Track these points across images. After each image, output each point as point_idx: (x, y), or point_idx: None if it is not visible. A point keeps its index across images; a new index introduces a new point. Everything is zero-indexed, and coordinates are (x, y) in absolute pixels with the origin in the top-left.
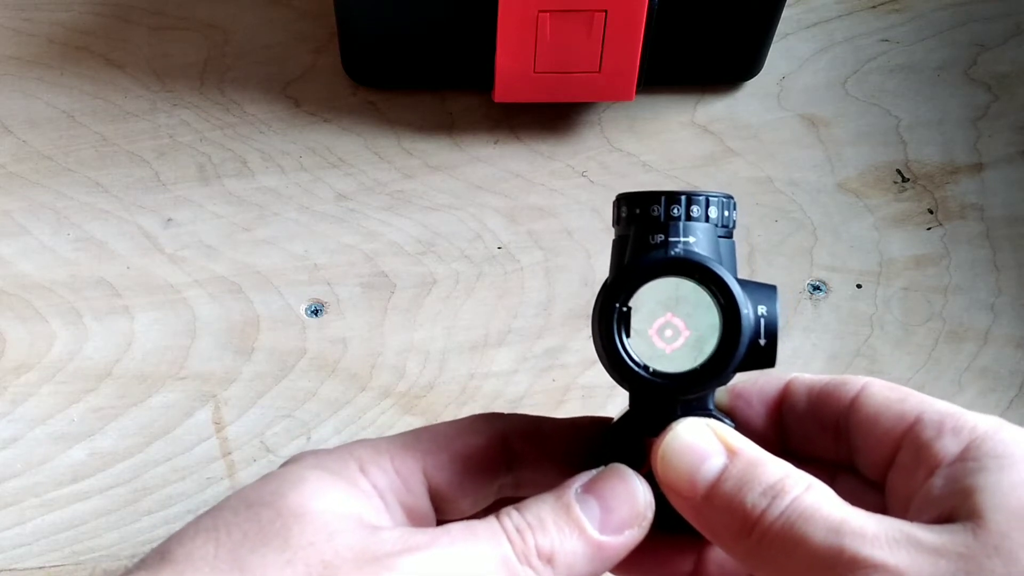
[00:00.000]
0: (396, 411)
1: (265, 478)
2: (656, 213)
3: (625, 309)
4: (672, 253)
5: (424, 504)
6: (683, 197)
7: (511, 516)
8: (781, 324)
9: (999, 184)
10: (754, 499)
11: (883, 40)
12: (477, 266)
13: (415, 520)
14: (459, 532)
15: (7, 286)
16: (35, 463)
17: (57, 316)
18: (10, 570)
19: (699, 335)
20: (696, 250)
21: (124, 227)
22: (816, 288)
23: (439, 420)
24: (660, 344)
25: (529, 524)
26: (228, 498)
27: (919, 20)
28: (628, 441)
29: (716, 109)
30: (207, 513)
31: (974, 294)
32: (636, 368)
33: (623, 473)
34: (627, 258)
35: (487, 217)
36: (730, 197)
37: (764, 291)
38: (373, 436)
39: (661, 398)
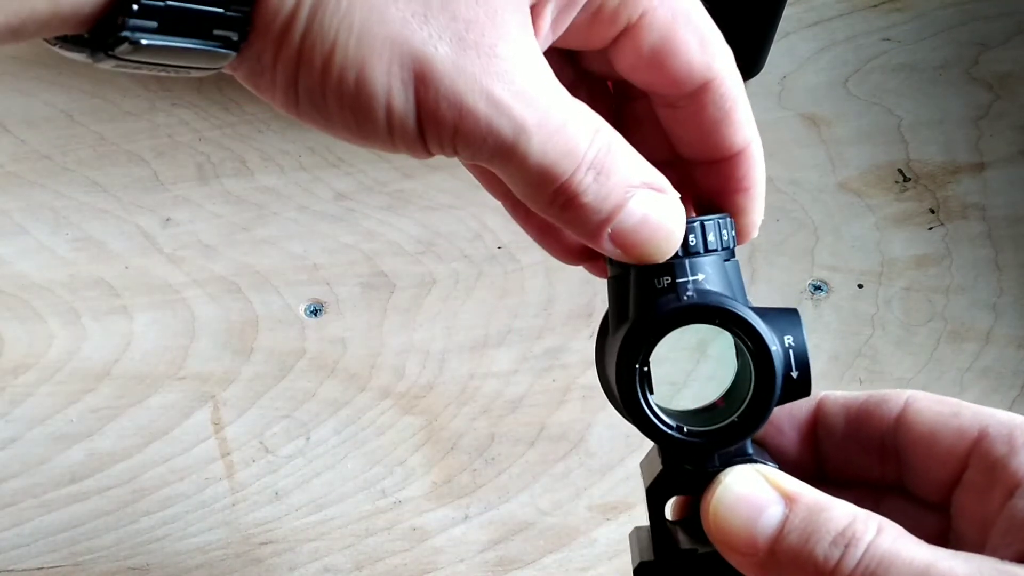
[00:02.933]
0: (396, 411)
1: None
2: None
3: (646, 368)
4: (685, 299)
5: None
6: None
7: None
8: None
9: (1001, 183)
10: (825, 550)
11: (884, 39)
12: (477, 266)
13: None
14: None
15: (5, 286)
16: (33, 464)
17: (55, 316)
18: (8, 571)
19: (715, 362)
20: (707, 287)
21: (123, 227)
22: (817, 288)
23: (439, 421)
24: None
25: None
26: None
27: (920, 19)
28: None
29: None
30: None
31: (976, 294)
32: (670, 431)
33: None
34: (634, 308)
35: (487, 217)
36: (726, 216)
37: (786, 318)
38: (373, 437)
39: (698, 455)
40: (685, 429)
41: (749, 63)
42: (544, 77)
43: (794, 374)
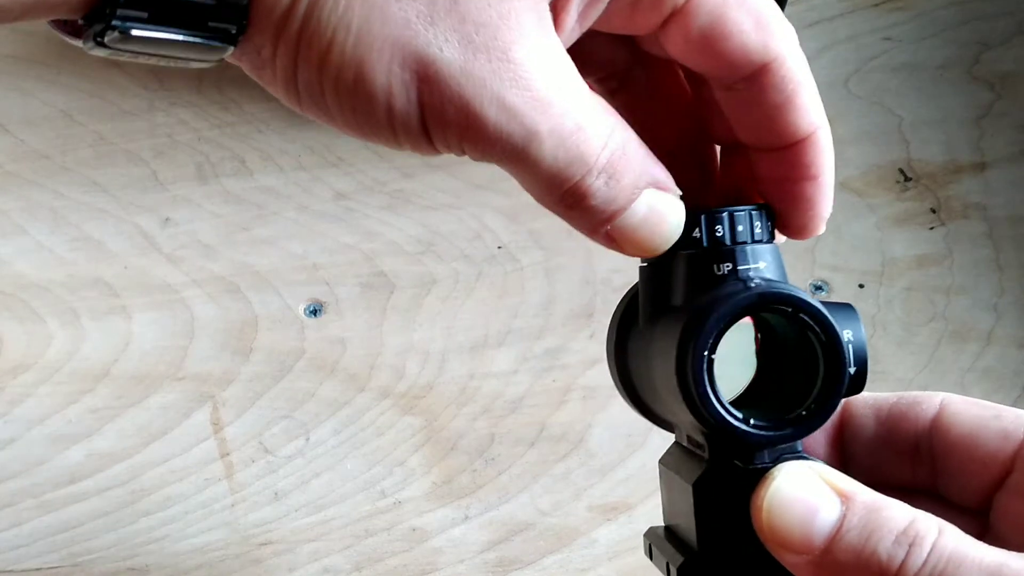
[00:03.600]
0: (395, 412)
1: None
2: (720, 234)
3: (713, 357)
4: (753, 286)
5: None
6: (727, 216)
7: None
8: None
9: (1002, 183)
10: (888, 549)
11: (885, 39)
12: (477, 266)
13: None
14: None
15: (4, 286)
16: (32, 464)
17: (54, 316)
18: (8, 572)
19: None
20: (768, 276)
21: (122, 226)
22: (818, 288)
23: (439, 421)
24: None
25: None
26: None
27: (921, 18)
28: (718, 502)
29: None
30: None
31: (977, 294)
32: (738, 423)
33: None
34: (689, 295)
35: (487, 216)
36: (761, 208)
37: (844, 312)
38: (373, 437)
39: (755, 449)
40: (752, 422)
41: None
42: (561, 78)
43: (852, 369)
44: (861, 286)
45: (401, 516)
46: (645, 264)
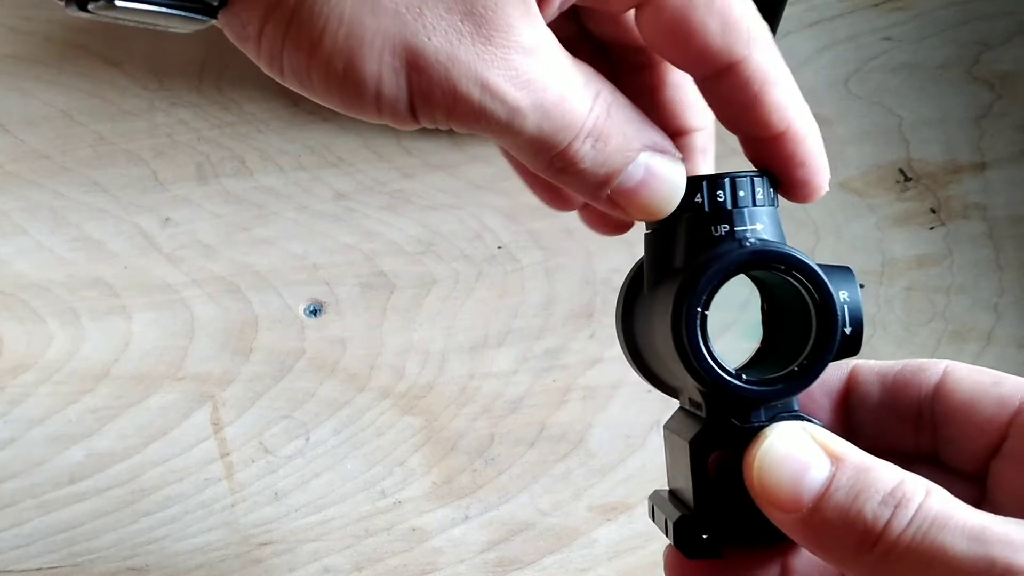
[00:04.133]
0: (395, 412)
1: None
2: (722, 198)
3: (707, 313)
4: (748, 245)
5: None
6: (728, 181)
7: None
8: None
9: (1002, 183)
10: (874, 509)
11: (885, 39)
12: (477, 266)
13: None
14: None
15: (4, 286)
16: (32, 464)
17: (54, 316)
18: (8, 572)
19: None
20: (766, 237)
21: (122, 226)
22: None
23: (439, 421)
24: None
25: None
26: None
27: (921, 18)
28: (709, 459)
29: None
30: None
31: (977, 294)
32: (729, 378)
33: None
34: (688, 256)
35: (487, 216)
36: (763, 174)
37: (841, 274)
38: (373, 437)
39: (750, 405)
40: (744, 377)
41: None
42: (545, 56)
43: (847, 330)
44: (861, 286)
45: (401, 516)
46: (650, 231)
